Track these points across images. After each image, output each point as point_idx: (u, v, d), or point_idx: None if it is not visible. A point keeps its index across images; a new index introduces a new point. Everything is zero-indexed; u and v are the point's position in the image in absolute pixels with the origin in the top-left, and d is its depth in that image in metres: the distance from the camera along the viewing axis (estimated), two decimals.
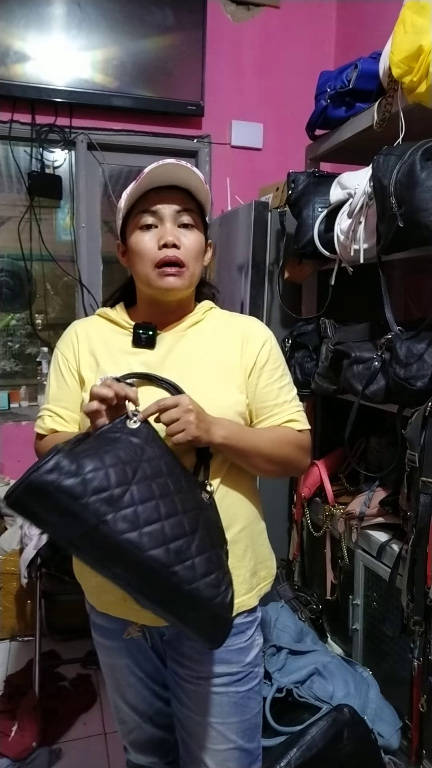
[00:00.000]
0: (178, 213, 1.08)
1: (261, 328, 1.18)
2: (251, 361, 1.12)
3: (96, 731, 1.95)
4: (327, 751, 1.37)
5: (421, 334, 1.47)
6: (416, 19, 1.46)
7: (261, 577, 1.17)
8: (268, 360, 1.14)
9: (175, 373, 1.07)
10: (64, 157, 2.78)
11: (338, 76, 1.81)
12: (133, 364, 1.08)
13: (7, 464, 2.69)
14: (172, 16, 2.67)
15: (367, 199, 1.57)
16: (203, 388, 1.06)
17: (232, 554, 1.05)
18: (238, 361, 1.11)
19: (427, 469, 1.36)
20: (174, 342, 1.11)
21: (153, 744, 1.30)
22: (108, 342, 1.13)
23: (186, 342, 1.12)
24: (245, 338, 1.13)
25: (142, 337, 1.10)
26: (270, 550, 1.21)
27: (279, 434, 1.12)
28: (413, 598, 1.39)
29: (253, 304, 2.12)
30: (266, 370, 1.13)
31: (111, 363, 1.10)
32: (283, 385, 1.15)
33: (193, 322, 1.14)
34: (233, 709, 1.12)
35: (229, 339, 1.13)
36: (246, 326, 1.17)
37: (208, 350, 1.12)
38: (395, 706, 1.60)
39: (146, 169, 1.05)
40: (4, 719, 1.89)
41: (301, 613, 1.97)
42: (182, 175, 1.06)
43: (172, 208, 1.07)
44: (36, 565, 1.99)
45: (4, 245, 2.75)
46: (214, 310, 1.19)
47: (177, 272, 1.07)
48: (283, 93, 2.93)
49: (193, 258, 1.09)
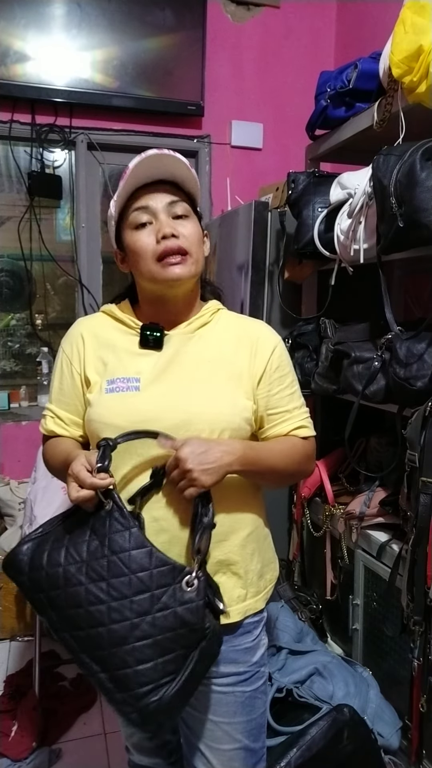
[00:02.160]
0: (170, 205, 1.07)
1: (271, 334, 1.16)
2: (261, 368, 1.10)
3: (96, 731, 1.94)
4: (327, 751, 1.36)
5: (421, 334, 1.47)
6: (416, 19, 1.47)
7: (267, 579, 1.17)
8: (279, 366, 1.12)
9: (183, 376, 1.06)
10: (64, 157, 2.78)
11: (338, 76, 1.81)
12: (141, 366, 1.07)
13: (7, 464, 2.69)
14: (172, 16, 2.67)
15: (367, 199, 1.57)
16: (210, 393, 1.05)
17: (241, 558, 1.05)
18: (247, 367, 1.10)
19: (427, 469, 1.36)
20: (182, 344, 1.09)
21: (156, 745, 1.31)
22: (115, 343, 1.11)
23: (194, 344, 1.10)
24: (255, 344, 1.12)
25: (150, 338, 1.08)
26: (274, 553, 1.22)
27: (289, 448, 1.11)
28: (413, 598, 1.39)
29: (253, 304, 2.12)
30: (277, 377, 1.11)
31: (118, 365, 1.08)
32: (293, 391, 1.15)
33: (202, 323, 1.12)
34: (240, 709, 1.12)
35: (238, 343, 1.11)
36: (256, 331, 1.15)
37: (216, 354, 1.10)
38: (395, 706, 1.60)
39: (130, 164, 1.04)
40: (4, 719, 1.89)
41: (301, 613, 1.97)
42: (167, 167, 1.05)
43: (163, 201, 1.06)
44: None
45: (4, 245, 2.75)
46: (222, 311, 1.17)
47: (181, 260, 1.05)
48: (283, 93, 2.94)
49: (195, 245, 1.07)
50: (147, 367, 1.07)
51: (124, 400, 1.04)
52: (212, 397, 1.05)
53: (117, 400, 1.04)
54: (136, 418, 1.02)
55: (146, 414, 1.02)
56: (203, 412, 1.04)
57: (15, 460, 2.68)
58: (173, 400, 1.04)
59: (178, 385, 1.05)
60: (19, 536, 2.35)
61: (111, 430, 1.02)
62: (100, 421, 1.05)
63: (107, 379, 1.07)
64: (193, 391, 1.04)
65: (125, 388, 1.05)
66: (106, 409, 1.05)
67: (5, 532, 2.49)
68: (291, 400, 1.13)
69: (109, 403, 1.05)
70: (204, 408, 1.04)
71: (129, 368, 1.07)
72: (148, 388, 1.05)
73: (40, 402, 2.79)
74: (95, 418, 1.06)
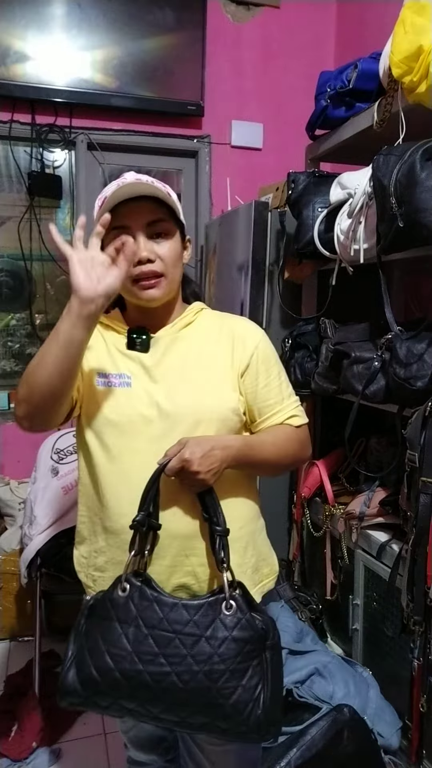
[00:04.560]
0: (149, 225, 1.07)
1: (253, 329, 1.19)
2: (245, 362, 1.13)
3: (96, 731, 1.94)
4: (327, 751, 1.37)
5: (421, 334, 1.47)
6: (416, 19, 1.47)
7: (264, 573, 1.18)
8: (263, 359, 1.15)
9: (170, 374, 1.09)
10: (64, 157, 2.78)
11: (338, 76, 1.81)
12: (131, 366, 1.10)
13: (7, 464, 2.69)
14: (172, 16, 2.67)
15: (367, 199, 1.57)
16: (197, 388, 1.08)
17: (233, 552, 1.06)
18: (229, 360, 1.13)
19: (427, 469, 1.36)
20: (168, 344, 1.12)
21: (152, 742, 1.32)
22: (108, 342, 1.15)
23: (180, 344, 1.13)
24: (236, 339, 1.14)
25: (137, 341, 1.12)
26: (270, 548, 1.22)
27: (283, 438, 1.14)
28: (413, 598, 1.39)
29: (253, 304, 2.12)
30: (263, 370, 1.14)
31: (110, 363, 1.11)
32: (281, 382, 1.17)
33: (186, 323, 1.15)
34: None
35: (221, 340, 1.15)
36: (238, 327, 1.17)
37: (200, 351, 1.13)
38: (395, 706, 1.60)
39: (107, 192, 1.06)
40: (4, 719, 1.89)
41: (301, 613, 1.97)
42: (147, 188, 1.06)
43: (142, 220, 1.06)
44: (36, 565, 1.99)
45: (4, 245, 2.75)
46: (204, 311, 1.21)
47: (155, 283, 1.07)
48: (283, 93, 2.93)
49: (170, 266, 1.09)
50: (137, 367, 1.10)
51: (116, 395, 1.08)
52: (199, 391, 1.08)
53: (109, 394, 1.08)
54: (127, 411, 1.06)
55: (137, 408, 1.06)
56: (190, 405, 1.07)
57: (15, 460, 2.68)
58: (162, 396, 1.07)
59: (166, 383, 1.08)
60: (19, 536, 2.35)
61: (102, 422, 1.07)
62: (92, 412, 1.09)
63: (99, 373, 1.10)
64: (180, 387, 1.07)
65: (118, 383, 1.09)
66: (99, 402, 1.08)
67: (5, 532, 2.49)
68: (279, 391, 1.15)
69: (102, 397, 1.09)
70: (191, 401, 1.07)
71: (120, 366, 1.11)
72: (139, 386, 1.08)
73: None
74: (88, 408, 1.09)
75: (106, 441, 1.07)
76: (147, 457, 1.03)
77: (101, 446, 1.08)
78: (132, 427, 1.06)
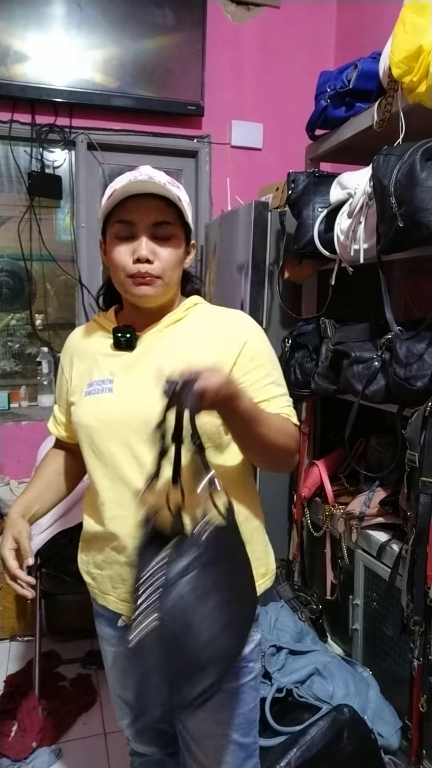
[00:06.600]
0: (155, 226, 1.05)
1: (246, 324, 1.14)
2: (231, 359, 1.08)
3: (96, 731, 1.95)
4: (327, 751, 1.37)
5: (421, 334, 1.47)
6: (416, 19, 1.47)
7: (259, 573, 1.16)
8: (253, 357, 1.10)
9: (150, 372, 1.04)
10: (64, 157, 2.78)
11: (338, 76, 1.81)
12: (113, 366, 1.11)
13: (7, 464, 2.69)
14: (172, 16, 2.67)
15: (367, 199, 1.57)
16: None
17: None
18: (216, 355, 1.07)
19: (427, 469, 1.36)
20: (152, 342, 1.11)
21: (152, 735, 1.34)
22: (94, 347, 1.17)
23: (165, 341, 1.11)
24: (226, 334, 1.10)
25: (121, 340, 1.12)
26: (267, 548, 1.21)
27: (277, 422, 1.07)
28: (413, 598, 1.39)
29: (253, 304, 2.12)
30: (252, 368, 1.09)
31: (95, 367, 1.14)
32: (271, 381, 1.11)
33: (174, 320, 1.13)
34: (225, 702, 1.12)
35: (208, 334, 1.11)
36: (229, 321, 1.14)
37: (188, 347, 1.10)
38: (395, 706, 1.60)
39: (118, 184, 1.04)
40: (4, 719, 1.89)
41: (301, 613, 1.97)
42: (158, 188, 1.04)
43: (148, 220, 1.05)
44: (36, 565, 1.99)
45: (4, 245, 2.75)
46: (199, 306, 1.17)
47: (151, 281, 1.06)
48: (283, 93, 2.93)
49: (169, 270, 1.07)
50: (119, 368, 1.11)
51: (98, 402, 1.10)
52: None
53: (92, 402, 1.11)
54: (105, 417, 1.09)
55: (114, 414, 1.08)
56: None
57: (15, 460, 2.68)
58: (140, 397, 1.04)
59: (145, 383, 1.02)
60: None
61: (84, 430, 1.11)
62: (77, 422, 1.12)
63: (87, 382, 1.13)
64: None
65: (100, 390, 1.11)
66: (82, 411, 1.12)
67: None
68: (269, 391, 1.10)
69: (86, 405, 1.12)
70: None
71: (104, 370, 1.12)
72: (119, 389, 1.09)
73: (40, 402, 2.78)
74: (74, 420, 1.14)
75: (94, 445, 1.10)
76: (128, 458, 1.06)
77: (91, 449, 1.11)
78: (113, 429, 1.07)
